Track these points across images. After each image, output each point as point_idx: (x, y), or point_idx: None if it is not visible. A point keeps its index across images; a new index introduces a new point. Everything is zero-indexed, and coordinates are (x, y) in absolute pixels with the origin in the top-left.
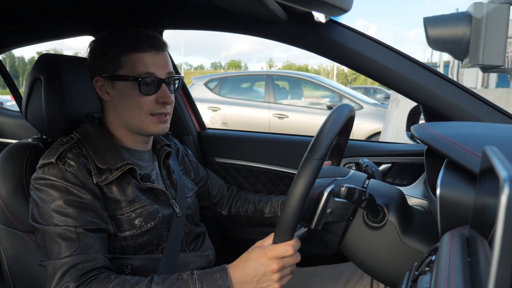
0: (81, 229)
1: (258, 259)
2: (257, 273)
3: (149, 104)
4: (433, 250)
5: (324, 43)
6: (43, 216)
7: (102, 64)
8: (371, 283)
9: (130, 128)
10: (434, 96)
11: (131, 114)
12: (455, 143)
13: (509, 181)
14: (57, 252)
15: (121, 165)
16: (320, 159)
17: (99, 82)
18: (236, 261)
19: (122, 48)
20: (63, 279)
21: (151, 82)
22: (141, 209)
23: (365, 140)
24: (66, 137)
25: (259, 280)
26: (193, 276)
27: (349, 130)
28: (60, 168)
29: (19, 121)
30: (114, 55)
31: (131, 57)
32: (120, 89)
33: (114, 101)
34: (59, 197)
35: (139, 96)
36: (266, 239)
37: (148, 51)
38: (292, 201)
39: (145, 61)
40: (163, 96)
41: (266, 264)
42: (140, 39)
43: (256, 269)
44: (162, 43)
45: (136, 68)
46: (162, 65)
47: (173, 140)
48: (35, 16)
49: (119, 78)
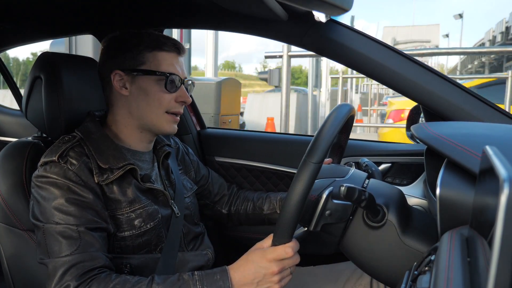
0: (82, 228)
1: (258, 262)
2: (257, 275)
3: (168, 101)
4: (433, 249)
5: (325, 43)
6: (44, 214)
7: (124, 59)
8: (371, 282)
9: (142, 125)
10: (434, 96)
11: (149, 110)
12: (455, 143)
13: (509, 181)
14: (58, 250)
15: (122, 165)
16: (318, 163)
17: (118, 76)
18: (236, 263)
19: (148, 45)
20: (64, 278)
21: (174, 80)
22: (141, 210)
23: (365, 140)
24: (68, 136)
25: (259, 282)
26: (194, 277)
27: (349, 128)
28: (62, 167)
29: (19, 119)
30: (138, 51)
31: (155, 55)
32: (141, 84)
33: (132, 96)
34: (61, 195)
35: (161, 92)
36: (265, 240)
37: (172, 52)
38: (291, 205)
39: (169, 60)
40: (182, 95)
41: (266, 267)
42: (165, 38)
43: (256, 271)
44: (183, 47)
45: (160, 65)
46: (181, 68)
47: (174, 139)
48: (35, 14)
49: (144, 72)
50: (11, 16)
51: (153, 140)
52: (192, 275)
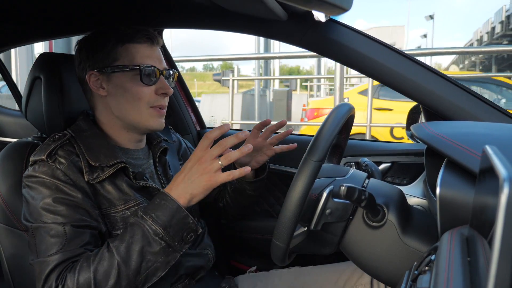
0: (69, 226)
1: (185, 166)
2: (186, 174)
3: (148, 95)
4: (433, 249)
5: (324, 43)
6: (32, 215)
7: (97, 59)
8: (371, 282)
9: (126, 125)
10: (434, 96)
11: (130, 107)
12: (455, 143)
13: (509, 181)
14: (44, 249)
15: (113, 163)
16: (319, 161)
17: (93, 77)
18: (169, 184)
19: (118, 40)
20: (49, 278)
21: (151, 72)
22: (136, 207)
23: (365, 140)
24: (59, 134)
25: (188, 175)
26: (139, 214)
27: (349, 128)
28: (50, 166)
29: (19, 120)
30: (109, 48)
31: (128, 49)
32: (117, 81)
33: (110, 96)
34: (49, 195)
35: (138, 86)
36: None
37: (144, 42)
38: (291, 202)
39: (143, 52)
40: (162, 87)
41: (191, 164)
42: (134, 31)
43: (184, 172)
44: (156, 36)
45: (134, 59)
46: (158, 58)
47: (175, 135)
48: (35, 14)
49: (117, 69)
50: (11, 16)
51: (142, 138)
52: (136, 215)
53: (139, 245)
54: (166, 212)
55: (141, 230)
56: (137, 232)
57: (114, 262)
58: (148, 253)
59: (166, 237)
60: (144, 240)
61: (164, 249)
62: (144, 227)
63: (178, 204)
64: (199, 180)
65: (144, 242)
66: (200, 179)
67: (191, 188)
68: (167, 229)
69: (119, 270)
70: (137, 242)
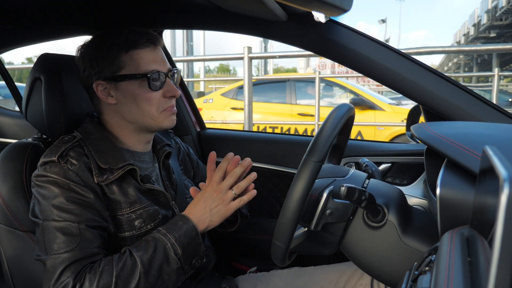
0: (83, 225)
1: (202, 197)
2: (206, 203)
3: (157, 99)
4: (433, 249)
5: (324, 43)
6: (44, 212)
7: (102, 67)
8: (371, 282)
9: (138, 127)
10: (434, 96)
11: (141, 112)
12: (455, 143)
13: (509, 181)
14: (56, 247)
15: (122, 165)
16: (319, 161)
17: (100, 86)
18: (188, 208)
19: (121, 48)
20: (63, 275)
21: (157, 77)
22: (142, 210)
23: (365, 140)
24: (68, 136)
25: (210, 206)
26: (162, 232)
27: (349, 129)
28: (62, 167)
29: (19, 120)
30: (113, 56)
31: (132, 56)
32: (125, 89)
33: (120, 104)
34: (61, 194)
35: (147, 93)
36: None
37: (147, 47)
38: (292, 202)
39: (147, 57)
40: (169, 90)
41: (209, 195)
42: (136, 36)
43: (204, 202)
44: (157, 37)
45: (139, 65)
46: (162, 60)
47: (175, 139)
48: (35, 15)
49: (124, 78)
50: (11, 18)
51: (150, 140)
52: (159, 232)
53: (159, 260)
54: (187, 235)
55: (163, 246)
56: (159, 248)
57: (137, 271)
58: (165, 270)
59: (182, 259)
60: (164, 257)
61: (178, 269)
62: (167, 245)
63: (197, 230)
64: (217, 210)
65: (164, 259)
66: (219, 208)
67: (210, 216)
68: (184, 252)
69: (139, 280)
70: (158, 257)
